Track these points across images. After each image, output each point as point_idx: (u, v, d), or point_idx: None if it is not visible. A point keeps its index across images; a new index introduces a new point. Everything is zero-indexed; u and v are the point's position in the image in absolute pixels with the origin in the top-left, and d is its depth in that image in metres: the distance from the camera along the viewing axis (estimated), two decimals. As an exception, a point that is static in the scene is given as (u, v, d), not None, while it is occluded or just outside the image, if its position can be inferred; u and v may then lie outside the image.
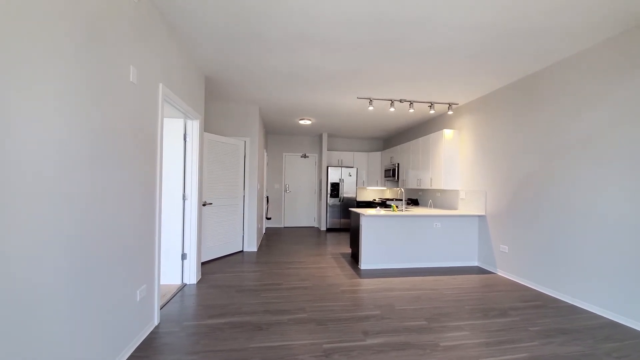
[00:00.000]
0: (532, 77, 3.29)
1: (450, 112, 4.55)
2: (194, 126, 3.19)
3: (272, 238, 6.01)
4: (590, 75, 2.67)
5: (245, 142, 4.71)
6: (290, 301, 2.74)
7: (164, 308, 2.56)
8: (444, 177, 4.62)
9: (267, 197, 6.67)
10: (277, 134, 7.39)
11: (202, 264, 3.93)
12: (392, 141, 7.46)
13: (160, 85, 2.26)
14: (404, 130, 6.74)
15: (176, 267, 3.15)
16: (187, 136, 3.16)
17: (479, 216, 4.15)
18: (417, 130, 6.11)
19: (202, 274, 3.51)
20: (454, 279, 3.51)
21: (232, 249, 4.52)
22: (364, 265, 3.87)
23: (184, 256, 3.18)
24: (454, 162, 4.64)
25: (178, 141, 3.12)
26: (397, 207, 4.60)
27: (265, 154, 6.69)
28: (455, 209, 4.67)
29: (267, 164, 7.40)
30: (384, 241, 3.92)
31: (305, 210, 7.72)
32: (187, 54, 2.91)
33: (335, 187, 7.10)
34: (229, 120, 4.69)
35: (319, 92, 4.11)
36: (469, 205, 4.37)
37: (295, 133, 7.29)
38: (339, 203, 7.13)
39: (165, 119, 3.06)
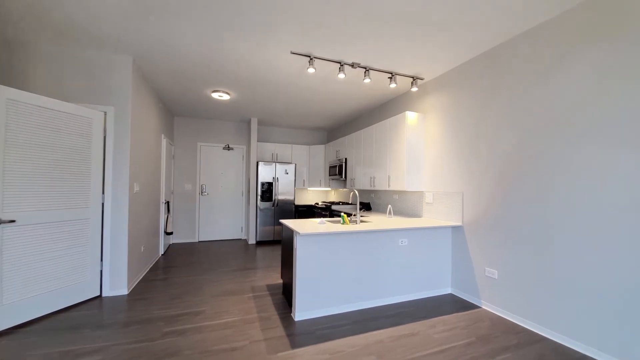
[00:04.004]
0: (522, 36, 2.30)
1: (414, 89, 3.44)
2: None
3: (172, 262, 4.16)
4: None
5: (105, 113, 2.84)
6: None
7: None
8: (406, 174, 3.49)
9: (168, 203, 4.75)
10: (188, 116, 5.48)
11: (-17, 342, 2.00)
12: (339, 132, 6.24)
13: None
14: (353, 118, 5.55)
15: None
16: None
17: (452, 227, 3.11)
18: (371, 116, 4.96)
19: (-49, 381, 1.63)
20: (433, 328, 2.33)
21: (74, 299, 2.62)
22: (299, 314, 2.43)
23: None
24: (418, 155, 3.56)
25: None
26: (348, 216, 3.30)
27: (166, 142, 4.77)
28: (419, 216, 3.60)
29: (174, 156, 5.44)
30: (330, 272, 2.55)
31: (229, 218, 5.96)
32: None
33: (268, 188, 5.56)
34: (75, 75, 2.76)
35: (230, 36, 2.53)
36: (437, 211, 3.31)
37: (215, 117, 5.51)
38: (272, 208, 5.60)
39: None
